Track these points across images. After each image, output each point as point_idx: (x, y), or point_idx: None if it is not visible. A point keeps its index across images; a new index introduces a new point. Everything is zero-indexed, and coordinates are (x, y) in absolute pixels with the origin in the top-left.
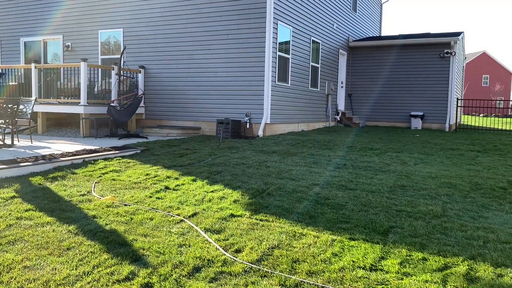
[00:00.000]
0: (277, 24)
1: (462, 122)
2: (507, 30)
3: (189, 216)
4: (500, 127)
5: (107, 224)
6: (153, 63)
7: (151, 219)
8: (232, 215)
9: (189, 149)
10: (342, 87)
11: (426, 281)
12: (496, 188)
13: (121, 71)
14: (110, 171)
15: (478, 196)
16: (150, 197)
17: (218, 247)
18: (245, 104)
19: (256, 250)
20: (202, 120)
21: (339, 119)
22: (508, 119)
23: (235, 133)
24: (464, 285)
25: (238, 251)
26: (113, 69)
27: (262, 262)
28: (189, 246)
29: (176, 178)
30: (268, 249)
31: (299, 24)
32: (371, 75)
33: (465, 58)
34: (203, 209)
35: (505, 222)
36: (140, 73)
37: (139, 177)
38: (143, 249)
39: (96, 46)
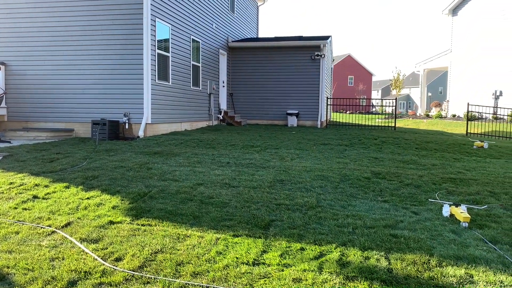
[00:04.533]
0: (155, 21)
1: (332, 119)
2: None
3: (62, 227)
4: (363, 123)
5: None
6: (17, 60)
7: (17, 232)
8: (111, 222)
9: (60, 153)
10: (223, 86)
11: (304, 270)
12: (361, 178)
13: None
14: None
15: (347, 186)
16: (16, 208)
17: (96, 257)
18: (123, 104)
19: (138, 257)
20: (75, 121)
21: (222, 118)
22: (370, 116)
23: (113, 135)
24: (338, 270)
25: (118, 259)
26: None
27: (145, 268)
28: (63, 259)
29: (46, 186)
30: (151, 255)
31: (178, 22)
32: (251, 75)
33: (333, 60)
34: (78, 218)
35: (370, 208)
36: (0, 70)
37: (1, 187)
38: (8, 267)
39: None
